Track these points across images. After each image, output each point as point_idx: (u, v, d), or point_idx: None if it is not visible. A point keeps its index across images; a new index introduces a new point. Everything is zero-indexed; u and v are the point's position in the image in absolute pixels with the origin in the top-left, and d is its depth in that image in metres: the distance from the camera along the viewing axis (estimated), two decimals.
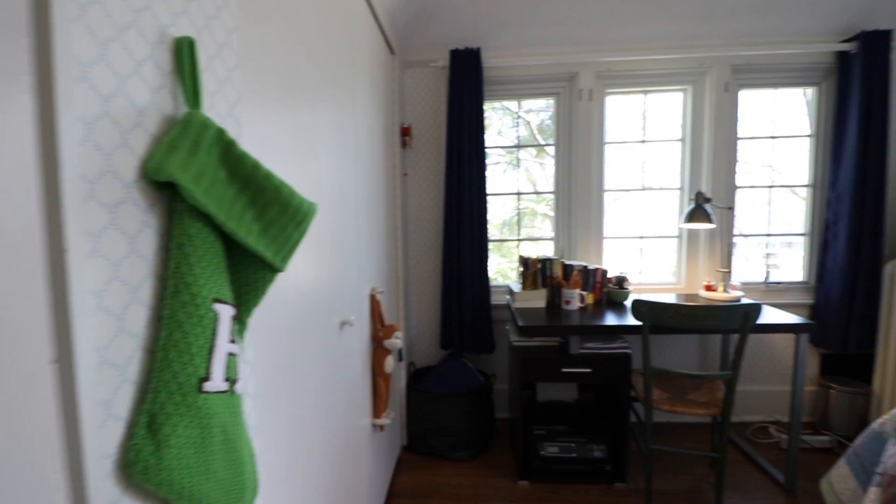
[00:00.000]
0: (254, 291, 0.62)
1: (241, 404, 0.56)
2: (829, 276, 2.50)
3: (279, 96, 0.91)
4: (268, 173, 0.59)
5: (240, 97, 0.70)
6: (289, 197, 0.61)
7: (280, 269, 0.63)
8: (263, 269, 0.62)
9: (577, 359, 2.07)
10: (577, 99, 2.61)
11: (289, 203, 0.61)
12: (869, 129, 2.35)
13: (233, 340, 0.54)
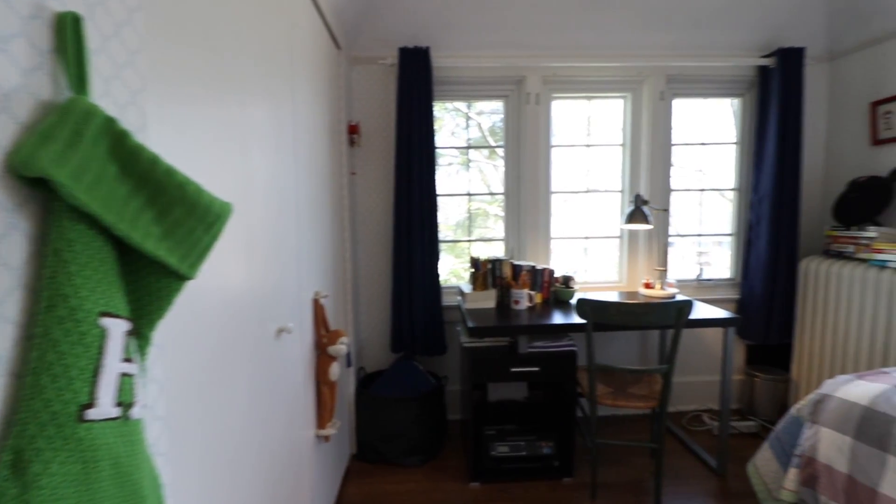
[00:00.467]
0: (157, 302, 0.55)
1: (140, 431, 0.50)
2: (752, 272, 2.69)
3: (200, 86, 0.84)
4: (169, 169, 0.52)
5: (144, 84, 0.63)
6: (195, 196, 0.55)
7: (189, 277, 0.57)
8: (168, 276, 0.55)
9: (526, 358, 2.09)
10: (524, 102, 2.65)
11: (196, 203, 0.55)
12: (785, 137, 2.54)
13: (128, 359, 0.47)
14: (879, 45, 2.46)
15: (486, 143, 2.85)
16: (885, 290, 2.15)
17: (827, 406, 1.55)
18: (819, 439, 1.55)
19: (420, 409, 2.29)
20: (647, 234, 2.77)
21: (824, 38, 2.72)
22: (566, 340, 2.13)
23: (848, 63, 2.66)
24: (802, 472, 1.59)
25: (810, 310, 2.54)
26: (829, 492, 1.50)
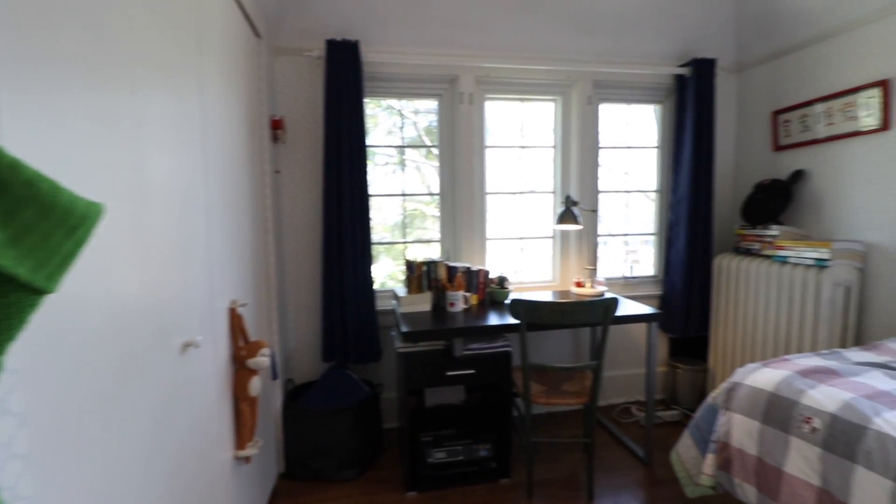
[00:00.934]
0: (6, 321, 0.45)
1: None
2: (673, 270, 2.85)
3: (73, 68, 0.72)
4: (13, 163, 0.42)
5: None
6: (51, 194, 0.45)
7: (46, 290, 0.47)
8: (18, 290, 0.44)
9: (462, 361, 2.07)
10: (458, 102, 2.63)
11: (52, 203, 0.45)
12: (700, 143, 2.72)
13: None
14: (780, 58, 2.71)
15: (421, 142, 2.81)
16: (786, 284, 2.35)
17: (738, 393, 1.66)
18: (732, 425, 1.65)
19: (354, 420, 2.19)
20: (578, 234, 2.86)
21: (733, 50, 2.95)
22: (501, 341, 2.13)
23: (753, 74, 2.91)
24: (718, 457, 1.69)
25: (723, 303, 2.74)
26: (741, 474, 1.60)
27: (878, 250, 2.22)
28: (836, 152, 2.41)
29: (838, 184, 2.41)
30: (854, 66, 2.29)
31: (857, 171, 2.31)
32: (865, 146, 2.27)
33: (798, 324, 2.29)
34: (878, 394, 1.40)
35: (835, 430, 1.34)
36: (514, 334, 2.71)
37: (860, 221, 2.30)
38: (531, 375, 2.23)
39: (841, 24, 2.34)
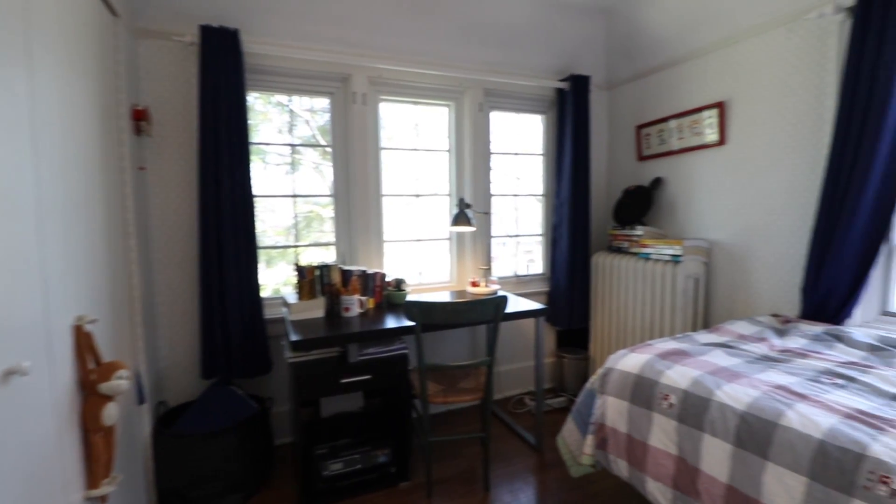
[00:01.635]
0: None
1: None
2: (558, 267, 3.09)
3: None
4: None
5: None
6: None
7: None
8: None
9: (357, 366, 2.01)
10: (351, 101, 2.57)
11: None
12: (578, 151, 2.98)
13: None
14: (642, 79, 3.07)
15: (316, 142, 2.69)
16: (649, 277, 2.67)
17: (610, 378, 1.83)
18: (606, 407, 1.81)
19: (240, 440, 2.01)
20: (473, 236, 2.95)
21: (604, 69, 3.28)
22: (398, 344, 2.12)
23: (621, 92, 3.26)
24: (596, 437, 1.85)
25: (601, 297, 3.03)
26: (615, 451, 1.77)
27: (719, 247, 2.61)
28: (686, 163, 2.80)
29: (688, 190, 2.79)
30: (698, 88, 2.68)
31: (702, 179, 2.71)
32: (708, 158, 2.66)
33: (660, 312, 2.61)
34: (719, 370, 1.64)
35: (686, 404, 1.54)
36: (412, 336, 2.74)
37: (705, 222, 2.70)
38: (428, 376, 2.25)
39: (688, 51, 2.72)
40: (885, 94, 1.79)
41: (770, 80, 2.31)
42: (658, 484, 1.59)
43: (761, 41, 2.34)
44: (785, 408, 1.33)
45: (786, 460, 1.25)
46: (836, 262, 1.97)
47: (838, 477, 1.14)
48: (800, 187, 2.21)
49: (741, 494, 1.33)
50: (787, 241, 2.27)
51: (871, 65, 1.83)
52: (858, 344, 1.79)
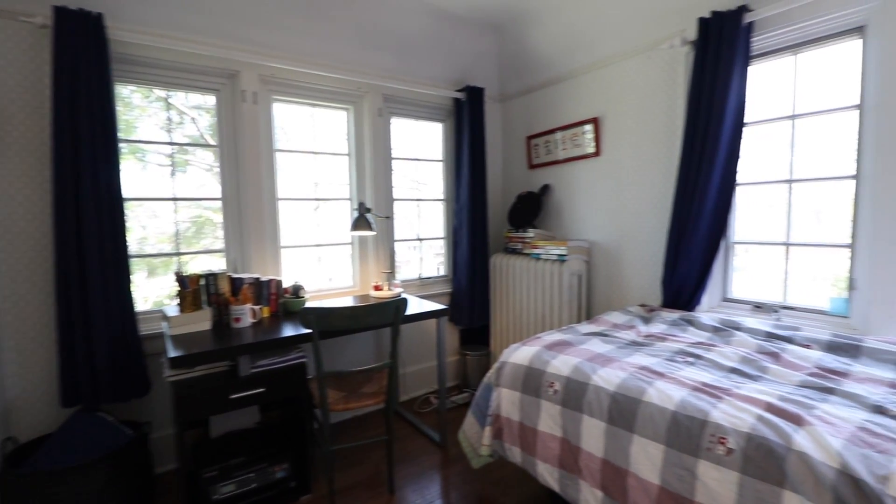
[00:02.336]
0: None
1: None
2: (459, 269, 3.20)
3: None
4: None
5: None
6: None
7: None
8: None
9: (250, 380, 1.90)
10: (241, 100, 2.43)
11: None
12: (475, 159, 3.12)
13: None
14: (531, 93, 3.30)
15: (204, 141, 2.49)
16: (540, 276, 2.88)
17: (504, 371, 1.94)
18: (501, 399, 1.92)
19: (110, 473, 1.79)
20: (375, 240, 2.95)
21: (498, 82, 3.47)
22: (295, 353, 2.04)
23: (513, 105, 3.47)
24: (493, 428, 1.95)
25: (499, 295, 3.20)
26: (510, 439, 1.88)
27: (597, 246, 2.90)
28: (569, 171, 3.07)
29: (571, 195, 3.07)
30: (578, 105, 2.96)
31: (582, 186, 2.99)
32: (587, 167, 2.95)
33: (549, 307, 2.83)
34: (595, 356, 1.82)
35: (568, 389, 1.69)
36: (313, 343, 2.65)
37: (586, 224, 2.98)
38: (329, 383, 2.20)
39: (568, 71, 2.99)
40: (720, 114, 2.14)
41: (634, 100, 2.64)
42: (547, 465, 1.72)
43: (626, 66, 2.66)
44: (647, 385, 1.52)
45: (647, 432, 1.43)
46: (687, 257, 2.30)
47: (687, 442, 1.34)
48: (659, 194, 2.54)
49: (613, 466, 1.50)
50: (650, 241, 2.60)
51: (709, 88, 2.18)
52: (705, 326, 2.11)
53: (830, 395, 1.45)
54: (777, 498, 1.15)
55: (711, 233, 2.28)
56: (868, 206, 1.91)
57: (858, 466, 1.07)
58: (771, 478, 1.17)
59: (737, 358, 1.75)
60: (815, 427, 1.21)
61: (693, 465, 1.31)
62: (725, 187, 2.22)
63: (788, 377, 1.60)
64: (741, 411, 1.32)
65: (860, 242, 1.96)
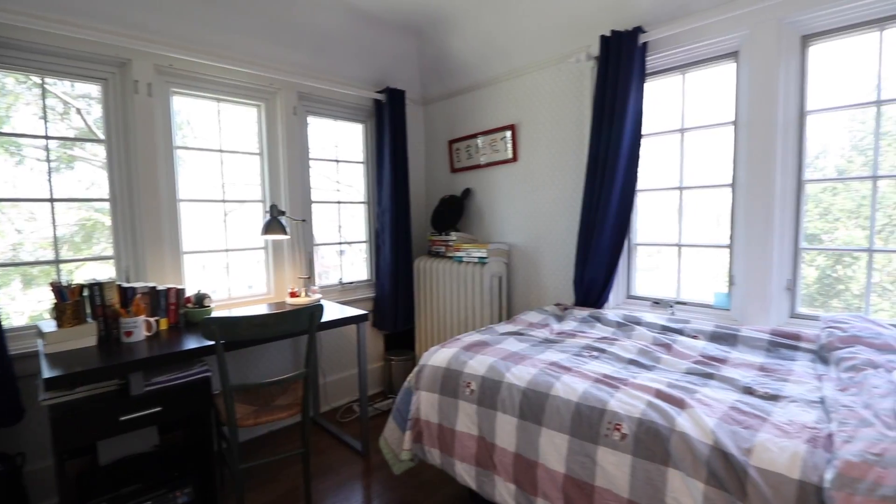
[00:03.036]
0: None
1: None
2: (382, 273, 3.16)
3: None
4: None
5: None
6: None
7: None
8: None
9: (143, 399, 1.73)
10: (132, 91, 2.21)
11: None
12: (397, 161, 3.11)
13: None
14: (452, 98, 3.35)
15: (92, 134, 2.23)
16: (462, 278, 2.92)
17: (423, 374, 1.95)
18: (420, 402, 1.92)
19: None
20: (292, 244, 2.83)
21: (419, 86, 3.49)
22: (199, 367, 1.89)
23: (435, 109, 3.51)
24: (413, 432, 1.94)
25: (423, 299, 3.20)
26: (429, 442, 1.88)
27: (516, 249, 3.01)
28: (489, 175, 3.16)
29: (492, 199, 3.15)
30: (496, 111, 3.06)
31: (502, 191, 3.08)
32: (505, 172, 3.05)
33: (472, 308, 2.89)
34: (510, 355, 1.87)
35: (484, 388, 1.73)
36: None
37: (505, 227, 3.08)
38: (240, 397, 2.07)
39: (486, 79, 3.08)
40: (620, 125, 2.31)
41: (547, 109, 2.77)
42: (464, 464, 1.74)
43: (539, 76, 2.79)
44: (554, 380, 1.60)
45: (554, 423, 1.50)
46: (595, 258, 2.46)
47: (588, 430, 1.42)
48: (570, 199, 2.69)
49: (524, 459, 1.55)
50: (564, 243, 2.75)
51: (610, 101, 2.35)
52: (610, 322, 2.26)
53: (710, 380, 1.62)
54: (663, 476, 1.26)
55: (616, 235, 2.45)
56: (742, 211, 2.16)
57: (727, 441, 1.20)
58: (657, 458, 1.27)
59: (635, 350, 1.90)
60: (695, 409, 1.33)
61: (593, 452, 1.39)
62: (627, 193, 2.41)
63: (677, 365, 1.76)
64: (634, 399, 1.42)
65: (737, 243, 2.21)
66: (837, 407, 1.31)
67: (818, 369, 1.67)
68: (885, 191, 1.91)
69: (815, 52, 2.01)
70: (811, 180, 2.06)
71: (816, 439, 1.18)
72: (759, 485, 1.11)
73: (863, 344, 1.66)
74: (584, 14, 2.45)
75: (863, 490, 1.00)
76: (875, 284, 1.97)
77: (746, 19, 2.04)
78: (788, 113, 2.03)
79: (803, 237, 2.08)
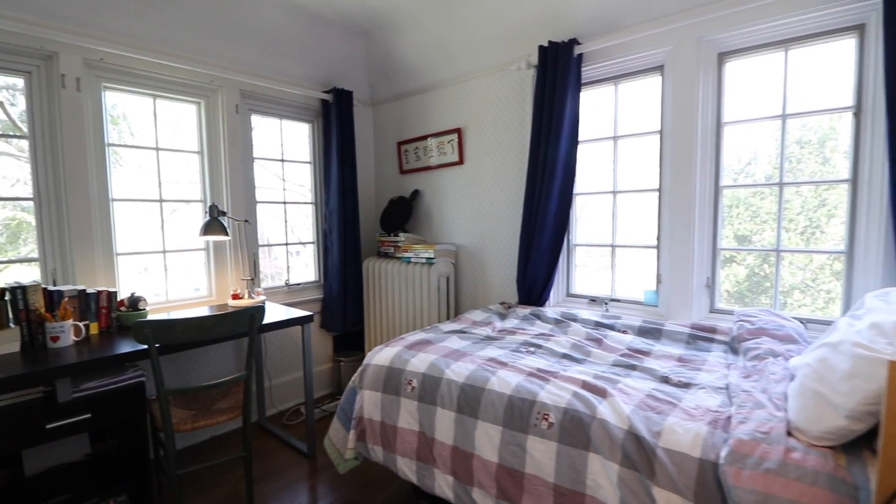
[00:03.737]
0: None
1: None
2: (330, 274, 3.16)
3: None
4: None
5: None
6: None
7: None
8: None
9: (71, 406, 1.66)
10: (59, 86, 2.11)
11: None
12: (344, 162, 3.11)
13: None
14: (401, 100, 3.39)
15: (17, 129, 2.10)
16: (411, 278, 2.96)
17: (367, 373, 1.98)
18: (364, 400, 1.95)
19: None
20: (235, 246, 2.77)
21: (368, 87, 3.50)
22: (133, 372, 1.83)
23: (384, 110, 3.53)
24: (357, 431, 1.96)
25: (372, 299, 3.22)
26: (372, 439, 1.91)
27: (463, 249, 3.09)
28: (437, 177, 3.22)
29: (440, 201, 3.22)
30: (444, 114, 3.12)
31: (449, 192, 3.15)
32: (453, 174, 3.12)
33: (419, 308, 2.94)
34: (451, 352, 1.94)
35: (425, 385, 1.78)
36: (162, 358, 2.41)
37: (453, 229, 3.15)
38: (178, 402, 2.02)
39: (434, 82, 3.14)
40: (557, 130, 2.43)
41: (491, 113, 2.87)
42: (405, 459, 1.79)
43: (484, 82, 2.88)
44: (490, 375, 1.67)
45: (489, 416, 1.57)
46: (536, 258, 2.57)
47: (519, 421, 1.50)
48: (513, 201, 2.80)
49: (461, 451, 1.62)
50: (508, 244, 2.85)
51: (548, 108, 2.46)
52: (548, 319, 2.37)
53: (633, 371, 1.74)
54: (584, 460, 1.35)
55: (555, 236, 2.57)
56: (667, 214, 2.33)
57: (640, 426, 1.31)
58: (579, 443, 1.37)
59: (569, 345, 2.01)
60: (615, 397, 1.44)
61: (524, 441, 1.47)
62: (565, 196, 2.53)
63: (606, 359, 1.88)
64: (562, 390, 1.52)
65: (664, 244, 2.38)
66: (738, 392, 1.46)
67: (728, 359, 1.84)
68: (808, 196, 2.11)
69: (731, 69, 2.19)
70: (728, 185, 2.25)
71: (717, 421, 1.31)
72: (666, 464, 1.23)
73: (767, 335, 1.84)
74: (525, 24, 2.56)
75: (750, 464, 1.12)
76: (798, 283, 2.17)
77: (670, 36, 2.20)
78: (706, 123, 2.21)
79: (721, 238, 2.27)
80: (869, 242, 1.88)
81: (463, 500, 1.60)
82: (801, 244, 2.14)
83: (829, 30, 1.93)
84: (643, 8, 2.24)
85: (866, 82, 1.86)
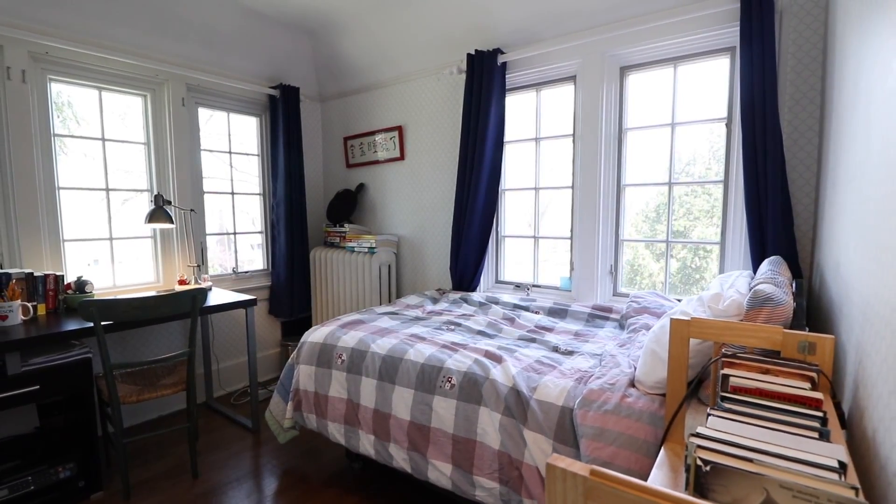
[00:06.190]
0: None
1: None
2: (278, 262, 3.33)
3: None
4: None
5: None
6: None
7: None
8: None
9: (19, 379, 1.80)
10: (4, 77, 2.19)
11: None
12: (291, 156, 3.27)
13: None
14: (347, 97, 3.57)
15: None
16: (354, 267, 3.18)
17: (303, 350, 2.19)
18: (300, 374, 2.16)
19: None
20: (181, 234, 2.90)
21: (315, 84, 3.66)
22: (80, 349, 1.98)
23: (331, 106, 3.70)
24: (293, 402, 2.18)
25: (319, 286, 3.41)
26: (307, 408, 2.13)
27: (404, 240, 3.32)
28: (381, 172, 3.43)
29: (383, 194, 3.43)
30: (386, 112, 3.33)
31: (392, 186, 3.38)
32: (395, 169, 3.34)
33: (362, 294, 3.16)
34: (379, 330, 2.17)
35: (353, 358, 2.01)
36: (110, 336, 2.55)
37: (394, 220, 3.38)
38: (124, 378, 2.17)
39: (377, 81, 3.34)
40: (483, 132, 2.69)
41: (428, 113, 3.10)
42: (335, 424, 2.02)
43: (422, 84, 3.11)
44: (409, 347, 1.92)
45: (404, 381, 1.82)
46: (466, 248, 2.84)
47: (428, 384, 1.76)
48: (447, 195, 3.05)
49: (381, 413, 1.86)
50: (444, 235, 3.10)
51: (475, 111, 2.72)
52: (473, 303, 2.65)
53: (532, 343, 2.04)
54: (475, 413, 1.63)
55: (483, 228, 2.84)
56: (578, 209, 2.64)
57: (521, 383, 1.60)
58: (473, 399, 1.64)
59: (485, 324, 2.29)
60: (507, 363, 1.72)
61: (431, 401, 1.73)
62: (491, 191, 2.80)
63: (514, 334, 2.17)
64: (466, 358, 1.79)
65: (576, 236, 2.68)
66: (608, 357, 1.77)
67: (615, 333, 2.16)
68: (718, 195, 2.36)
69: (632, 81, 2.51)
70: (630, 185, 2.57)
71: (582, 379, 1.61)
72: (536, 411, 1.52)
73: (649, 313, 2.18)
74: (456, 32, 2.80)
75: (594, 408, 1.42)
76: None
77: (580, 51, 2.50)
78: (610, 129, 2.52)
79: (623, 231, 2.60)
80: (734, 234, 2.24)
81: (382, 454, 1.86)
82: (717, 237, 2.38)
83: (709, 50, 2.26)
84: (557, 23, 2.52)
85: (734, 96, 2.20)
